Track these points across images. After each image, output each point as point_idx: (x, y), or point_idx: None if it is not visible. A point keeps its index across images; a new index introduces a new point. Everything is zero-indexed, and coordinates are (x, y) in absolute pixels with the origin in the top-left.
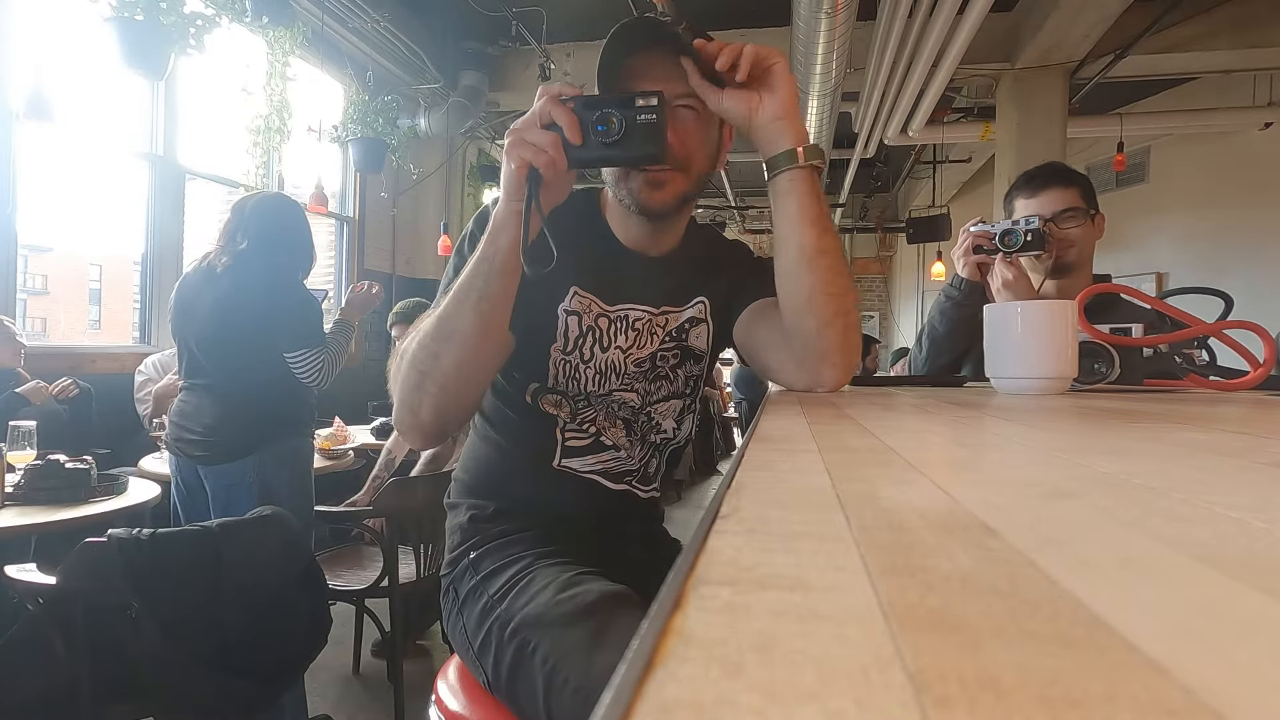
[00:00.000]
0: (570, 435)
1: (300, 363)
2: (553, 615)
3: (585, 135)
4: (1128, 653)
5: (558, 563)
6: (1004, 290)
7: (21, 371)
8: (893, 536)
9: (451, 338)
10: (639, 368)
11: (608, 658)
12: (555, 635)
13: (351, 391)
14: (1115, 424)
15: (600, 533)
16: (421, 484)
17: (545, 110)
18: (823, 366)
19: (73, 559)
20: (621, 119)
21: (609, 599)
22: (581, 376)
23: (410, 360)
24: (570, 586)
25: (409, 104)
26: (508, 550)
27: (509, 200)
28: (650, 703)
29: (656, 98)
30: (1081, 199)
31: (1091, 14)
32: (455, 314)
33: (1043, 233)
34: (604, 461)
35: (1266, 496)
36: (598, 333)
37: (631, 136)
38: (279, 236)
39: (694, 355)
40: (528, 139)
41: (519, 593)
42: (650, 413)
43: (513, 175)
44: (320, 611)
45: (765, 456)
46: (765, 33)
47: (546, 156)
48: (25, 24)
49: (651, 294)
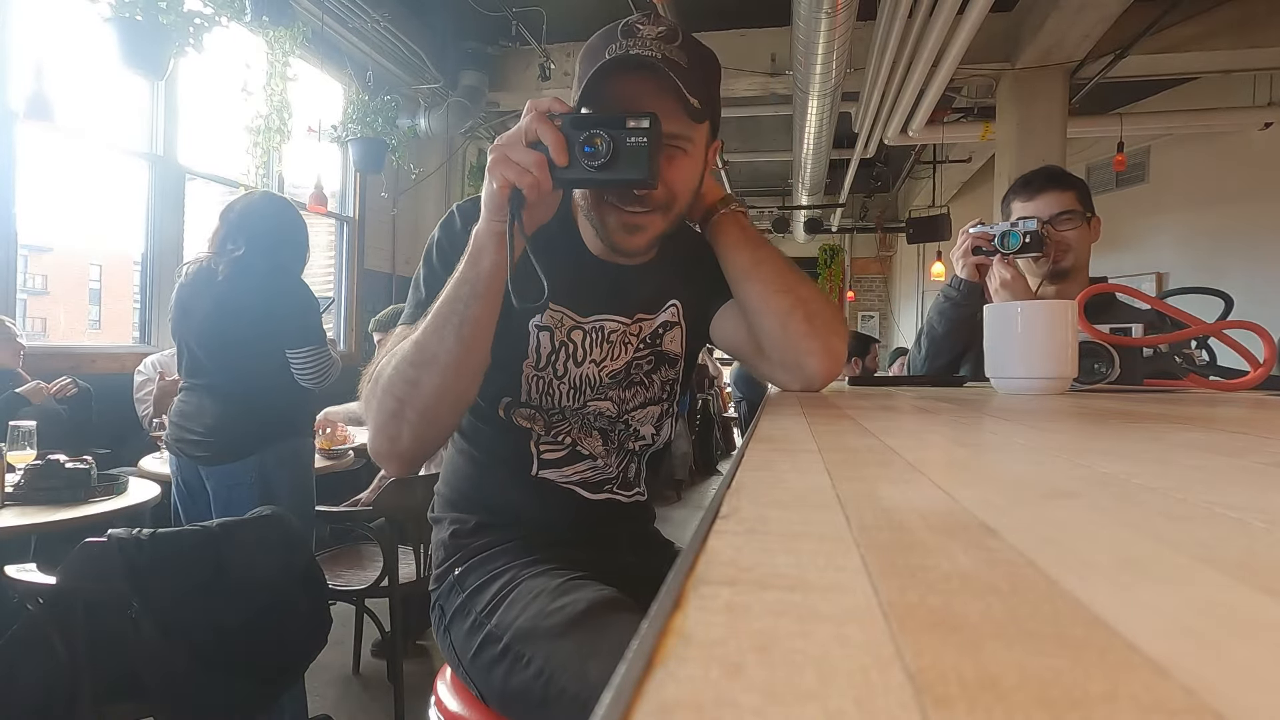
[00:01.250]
0: (545, 448)
1: (302, 361)
2: (544, 627)
3: (572, 156)
4: (1128, 653)
5: (544, 571)
6: (1002, 290)
7: (21, 371)
8: (893, 536)
9: (432, 363)
10: (613, 378)
11: (603, 665)
12: (548, 647)
13: (352, 392)
14: (1115, 424)
15: (585, 539)
16: (421, 484)
17: (531, 127)
18: (802, 359)
19: (73, 559)
20: (609, 140)
21: (600, 605)
22: (555, 392)
23: (386, 387)
24: (560, 595)
25: (409, 104)
26: (492, 564)
27: (490, 220)
28: (650, 703)
29: (649, 119)
30: (1078, 202)
31: (1091, 14)
32: (435, 338)
33: (1041, 235)
34: (581, 471)
35: (1266, 496)
36: (570, 347)
37: (619, 159)
38: (276, 236)
39: (669, 359)
40: (512, 157)
41: (508, 606)
42: (628, 420)
43: (495, 194)
44: (320, 611)
45: (765, 456)
46: (765, 33)
47: (530, 177)
48: (25, 24)
49: (625, 304)
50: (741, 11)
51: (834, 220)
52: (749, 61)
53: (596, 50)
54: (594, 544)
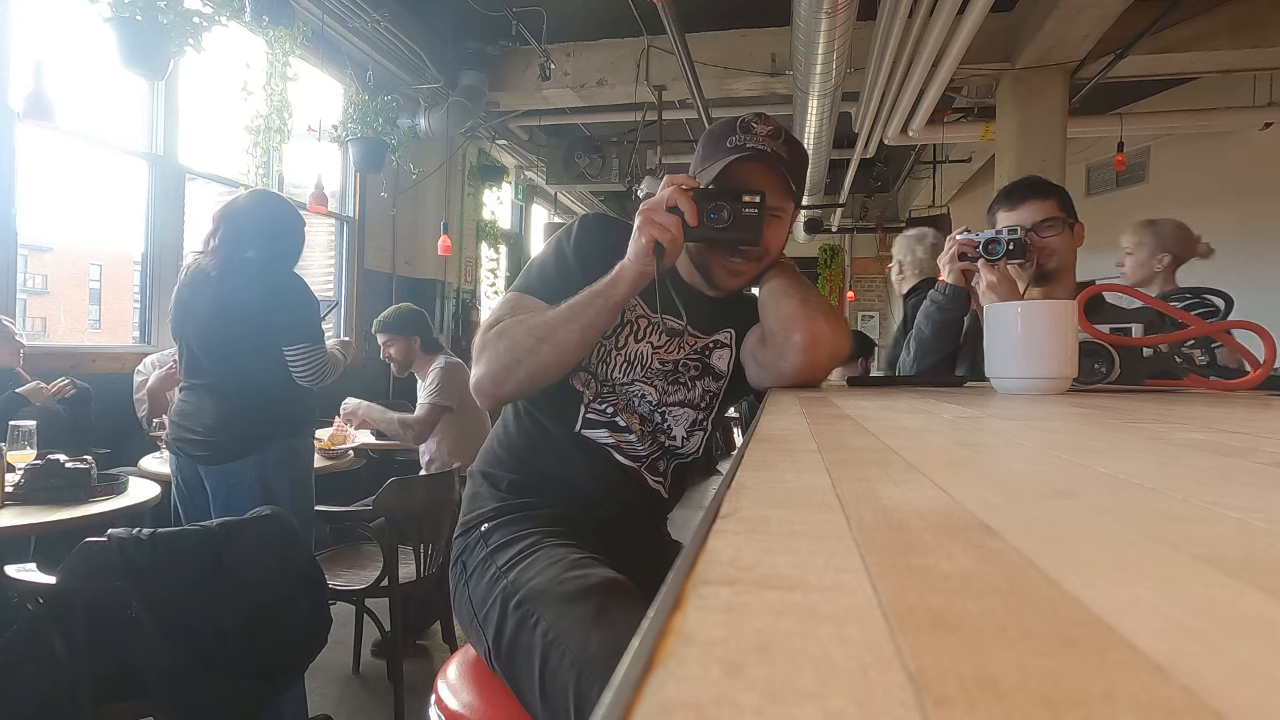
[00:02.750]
0: (591, 411)
1: (298, 358)
2: (557, 591)
3: (700, 219)
4: (1127, 653)
5: (564, 544)
6: (989, 292)
7: (21, 371)
8: (893, 536)
9: (553, 340)
10: (662, 366)
11: (606, 636)
12: (558, 610)
13: (352, 391)
14: (1115, 424)
15: (608, 511)
16: (422, 484)
17: (671, 197)
18: (790, 334)
19: (73, 559)
20: (730, 210)
21: (609, 584)
22: (611, 361)
23: (511, 343)
24: (575, 568)
25: (409, 104)
26: (518, 526)
27: (635, 262)
28: (650, 702)
29: (760, 196)
30: (1060, 209)
31: (1092, 14)
32: (563, 326)
33: (1025, 242)
34: (617, 437)
35: (1266, 496)
36: (635, 327)
37: (736, 224)
38: (270, 233)
39: (714, 373)
40: (656, 219)
41: (526, 566)
42: (664, 413)
43: (642, 246)
44: (320, 611)
45: (765, 456)
46: (765, 32)
47: (670, 235)
48: (25, 24)
49: (691, 316)
50: (741, 11)
51: (834, 220)
52: (749, 61)
53: (718, 138)
54: (615, 520)
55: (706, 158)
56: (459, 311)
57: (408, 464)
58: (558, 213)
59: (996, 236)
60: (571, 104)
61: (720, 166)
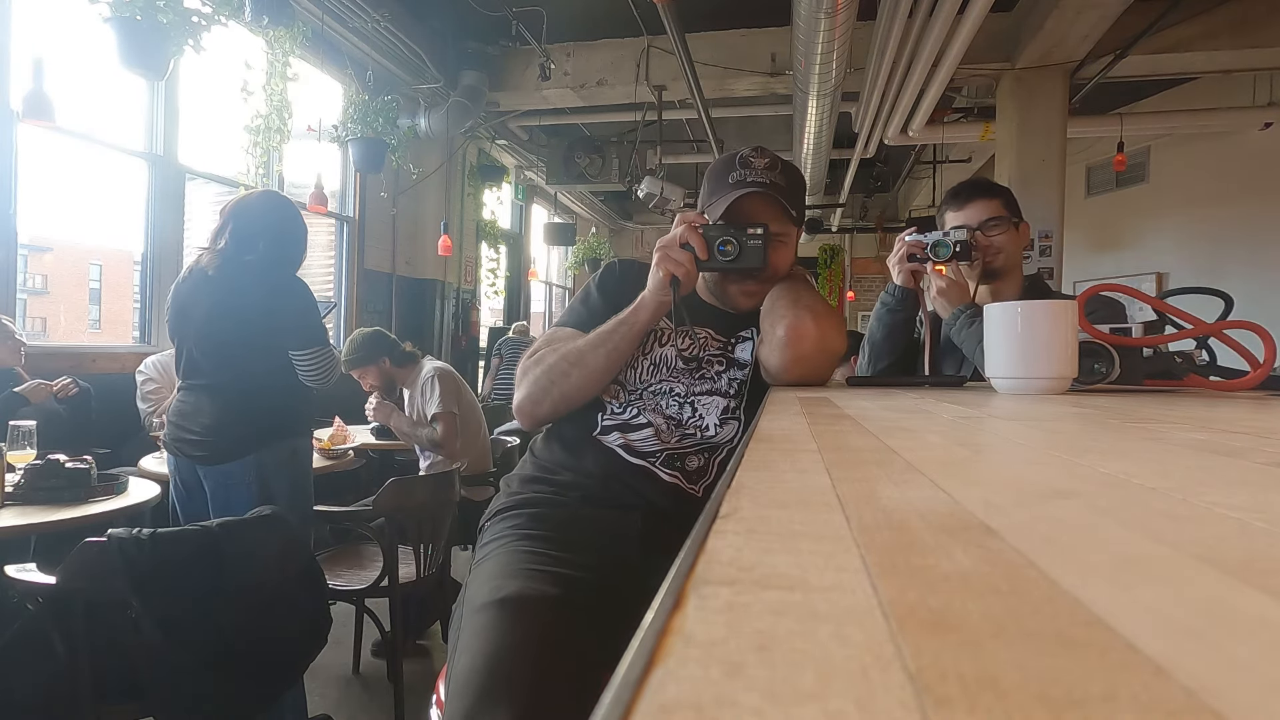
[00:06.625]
0: (609, 415)
1: (307, 362)
2: (475, 599)
3: (710, 252)
4: (1128, 653)
5: (527, 549)
6: (938, 298)
7: (21, 371)
8: (893, 536)
9: (583, 365)
10: (686, 364)
11: (478, 648)
12: (468, 617)
13: (351, 391)
14: (1115, 424)
15: (599, 515)
16: (422, 484)
17: (684, 235)
18: (777, 324)
19: (73, 559)
20: (736, 243)
21: (516, 599)
22: (638, 365)
23: (546, 369)
24: (505, 575)
25: (409, 104)
26: (505, 524)
27: (654, 294)
28: (650, 702)
29: (763, 228)
30: (1004, 208)
31: (1092, 14)
32: (591, 353)
33: (969, 244)
34: (627, 437)
35: (1266, 496)
36: (659, 333)
37: (743, 255)
38: (274, 234)
39: (738, 363)
40: (671, 255)
41: (482, 567)
42: (694, 404)
43: (660, 279)
44: (320, 611)
45: (765, 456)
46: (765, 32)
47: (684, 269)
48: (25, 24)
49: (714, 325)
50: (741, 11)
51: (834, 220)
52: (749, 61)
53: (721, 174)
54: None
55: (713, 193)
56: (459, 311)
57: (408, 464)
58: (557, 213)
59: (943, 238)
60: (571, 104)
61: (726, 203)
